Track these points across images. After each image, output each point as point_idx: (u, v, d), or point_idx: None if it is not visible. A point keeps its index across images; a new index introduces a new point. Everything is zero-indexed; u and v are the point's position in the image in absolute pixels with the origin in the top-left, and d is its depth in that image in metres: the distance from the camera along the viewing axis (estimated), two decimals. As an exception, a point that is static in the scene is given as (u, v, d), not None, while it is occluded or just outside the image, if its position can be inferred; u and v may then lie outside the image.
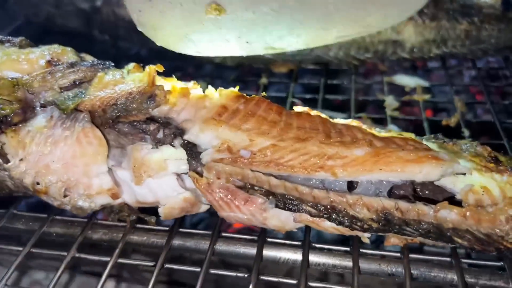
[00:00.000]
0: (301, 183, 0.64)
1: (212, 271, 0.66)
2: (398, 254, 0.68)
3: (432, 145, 0.71)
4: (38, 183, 0.68)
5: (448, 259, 0.68)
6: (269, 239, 0.70)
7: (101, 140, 0.65)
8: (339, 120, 0.73)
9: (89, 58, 0.77)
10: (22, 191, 0.73)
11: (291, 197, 0.63)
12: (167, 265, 0.68)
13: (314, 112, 0.72)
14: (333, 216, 0.62)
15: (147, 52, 1.24)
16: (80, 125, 0.65)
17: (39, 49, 0.74)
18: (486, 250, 0.64)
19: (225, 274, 0.67)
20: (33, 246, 0.71)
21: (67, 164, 0.66)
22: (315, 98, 1.07)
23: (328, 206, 0.63)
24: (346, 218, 0.62)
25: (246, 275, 0.65)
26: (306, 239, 0.70)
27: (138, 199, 0.70)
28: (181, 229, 0.73)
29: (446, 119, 0.99)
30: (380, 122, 1.00)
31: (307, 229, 0.70)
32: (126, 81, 0.68)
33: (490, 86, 1.09)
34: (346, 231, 0.65)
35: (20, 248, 0.70)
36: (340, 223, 0.62)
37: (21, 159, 0.66)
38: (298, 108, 0.74)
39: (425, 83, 1.10)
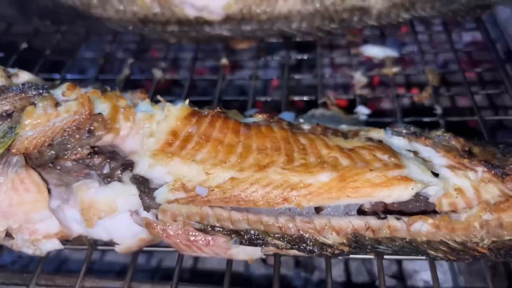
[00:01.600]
0: (265, 212, 0.60)
1: None
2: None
3: (403, 141, 0.68)
4: (-25, 232, 0.62)
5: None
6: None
7: (40, 186, 0.59)
8: (303, 125, 0.68)
9: (23, 76, 0.68)
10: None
11: (255, 232, 0.58)
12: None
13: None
14: (302, 246, 0.59)
15: (97, 36, 1.14)
16: (14, 171, 0.58)
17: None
18: (461, 259, 0.62)
19: None
20: None
21: (5, 213, 0.60)
22: (279, 77, 1.00)
23: (295, 236, 0.59)
24: (316, 246, 0.59)
25: None
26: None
27: (92, 236, 0.65)
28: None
29: (418, 95, 0.94)
30: (349, 104, 0.95)
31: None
32: (60, 112, 0.60)
33: (462, 53, 1.03)
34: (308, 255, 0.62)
35: None
36: (310, 252, 0.59)
37: (-48, 210, 0.60)
38: (254, 118, 0.68)
39: (394, 54, 1.04)
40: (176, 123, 0.62)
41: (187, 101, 0.66)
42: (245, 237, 0.58)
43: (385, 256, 0.65)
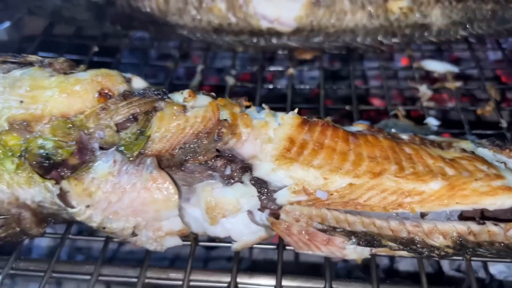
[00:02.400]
0: (376, 216, 0.65)
1: None
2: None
3: (488, 153, 0.73)
4: (104, 228, 0.66)
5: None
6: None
7: (171, 186, 0.63)
8: (402, 135, 0.73)
9: (137, 82, 0.73)
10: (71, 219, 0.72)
11: (371, 234, 0.63)
12: None
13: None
14: (412, 248, 0.64)
15: (166, 43, 1.18)
16: (148, 172, 0.63)
17: (85, 76, 0.69)
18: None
19: None
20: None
21: (136, 211, 0.64)
22: (341, 88, 1.06)
23: (406, 238, 0.64)
24: (425, 248, 0.64)
25: None
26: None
27: (208, 233, 0.69)
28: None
29: (480, 108, 1.00)
30: (418, 116, 1.00)
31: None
32: (189, 118, 0.65)
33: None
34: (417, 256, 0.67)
35: None
36: (419, 253, 0.64)
37: (88, 206, 0.64)
38: (358, 127, 0.73)
39: (454, 69, 1.10)
40: (291, 130, 0.67)
41: (296, 110, 0.71)
42: (363, 238, 0.64)
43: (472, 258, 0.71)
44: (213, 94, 0.73)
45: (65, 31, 1.22)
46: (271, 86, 1.11)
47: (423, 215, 0.66)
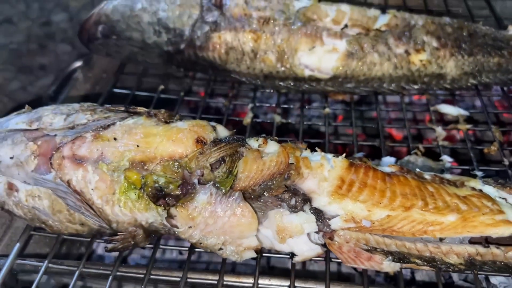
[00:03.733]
0: (406, 239, 0.86)
1: None
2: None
3: (493, 190, 0.93)
4: (201, 243, 0.87)
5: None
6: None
7: (253, 214, 0.84)
8: (425, 175, 0.93)
9: (220, 129, 0.93)
10: (171, 235, 0.92)
11: (402, 253, 0.84)
12: None
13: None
14: (433, 264, 0.85)
15: (220, 83, 1.40)
16: (236, 202, 0.84)
17: (184, 125, 0.89)
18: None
19: None
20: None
21: (226, 231, 0.85)
22: (374, 126, 1.27)
23: (429, 257, 0.85)
24: (443, 265, 0.84)
25: None
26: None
27: (275, 248, 0.90)
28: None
29: (487, 148, 1.20)
30: (434, 153, 1.21)
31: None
32: (266, 162, 0.86)
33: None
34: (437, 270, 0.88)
35: None
36: (438, 268, 0.85)
37: (190, 227, 0.85)
38: (391, 168, 0.94)
39: (465, 112, 1.30)
40: (342, 172, 0.88)
41: (344, 155, 0.92)
42: (396, 256, 0.84)
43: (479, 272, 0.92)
44: (276, 138, 0.94)
45: (133, 69, 1.44)
46: (309, 123, 1.32)
47: (441, 239, 0.87)
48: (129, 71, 1.45)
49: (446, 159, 1.16)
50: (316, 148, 0.95)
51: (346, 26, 1.29)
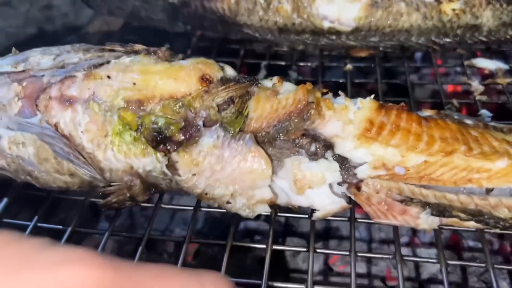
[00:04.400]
0: (447, 190, 0.73)
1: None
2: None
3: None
4: (206, 194, 0.76)
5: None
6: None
7: (267, 159, 0.72)
8: (466, 120, 0.80)
9: (228, 70, 0.82)
10: (172, 190, 0.81)
11: (443, 205, 0.71)
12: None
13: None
14: (480, 219, 0.71)
15: (230, 42, 1.28)
16: (247, 146, 0.72)
17: (187, 63, 0.78)
18: None
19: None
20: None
21: (235, 179, 0.74)
22: (401, 84, 1.14)
23: (474, 210, 0.72)
24: (492, 219, 0.71)
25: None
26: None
27: (292, 203, 0.78)
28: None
29: (532, 103, 1.06)
30: (470, 109, 1.07)
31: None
32: (281, 100, 0.74)
33: None
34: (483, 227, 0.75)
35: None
36: (486, 224, 0.72)
37: (194, 174, 0.74)
38: (427, 112, 0.81)
39: (505, 66, 1.16)
40: (370, 113, 0.75)
41: (372, 96, 0.79)
42: (435, 209, 0.72)
43: None
44: (292, 81, 0.82)
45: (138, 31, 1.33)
46: (329, 80, 1.20)
47: (488, 191, 0.73)
48: (133, 31, 1.34)
49: (485, 113, 1.02)
50: (340, 92, 0.82)
51: (369, -28, 1.17)
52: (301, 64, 1.24)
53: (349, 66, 1.20)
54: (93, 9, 1.31)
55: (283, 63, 1.25)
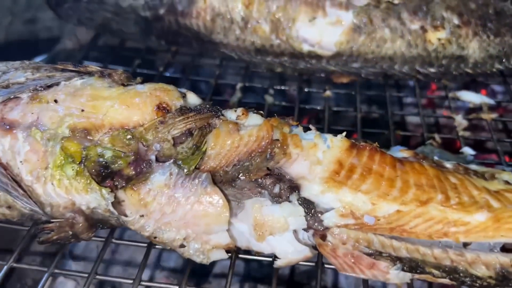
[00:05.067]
0: (420, 243, 0.66)
1: None
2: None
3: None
4: (155, 237, 0.68)
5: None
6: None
7: (224, 202, 0.65)
8: (446, 163, 0.74)
9: (191, 97, 0.75)
10: (124, 226, 0.74)
11: (415, 260, 0.65)
12: None
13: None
14: (455, 276, 0.65)
15: (207, 59, 1.22)
16: (203, 186, 0.65)
17: (144, 89, 0.71)
18: None
19: None
20: None
21: (188, 223, 0.66)
22: (381, 114, 1.08)
23: (449, 266, 0.65)
24: (468, 278, 0.65)
25: None
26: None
27: (252, 248, 0.71)
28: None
29: (515, 141, 1.01)
30: (452, 144, 1.02)
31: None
32: (243, 136, 0.67)
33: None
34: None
35: None
36: (462, 282, 0.65)
37: (142, 216, 0.66)
38: (404, 153, 0.75)
39: (490, 101, 1.11)
40: (340, 153, 0.69)
41: (344, 133, 0.72)
42: (407, 264, 0.65)
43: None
44: (261, 112, 0.75)
45: (110, 42, 1.26)
46: (307, 107, 1.13)
47: (465, 245, 0.67)
48: (104, 43, 1.27)
49: (468, 151, 0.97)
50: (310, 126, 0.76)
51: (353, -4, 1.11)
52: (279, 88, 1.18)
53: (328, 93, 1.14)
54: (62, 19, 1.24)
55: (259, 85, 1.18)
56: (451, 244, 0.67)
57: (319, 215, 0.67)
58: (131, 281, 0.72)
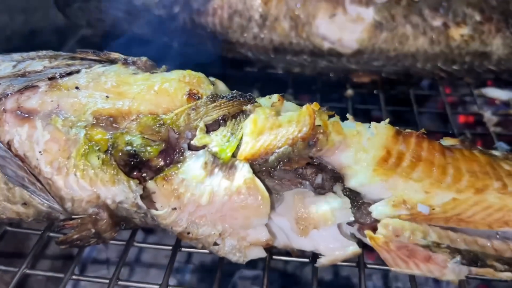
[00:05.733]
0: (478, 234, 0.61)
1: None
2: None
3: None
4: (189, 233, 0.62)
5: None
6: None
7: (264, 192, 0.59)
8: (494, 152, 0.70)
9: (220, 86, 0.70)
10: (148, 226, 0.68)
11: (474, 253, 0.59)
12: None
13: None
14: (518, 270, 0.60)
15: (220, 61, 1.17)
16: (241, 176, 0.59)
17: (172, 75, 0.66)
18: None
19: None
20: None
21: (224, 216, 0.61)
22: (408, 110, 1.04)
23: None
24: (532, 271, 0.60)
25: None
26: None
27: (292, 246, 0.65)
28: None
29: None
30: (486, 139, 0.98)
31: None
32: (282, 122, 0.62)
33: None
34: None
35: None
36: (525, 277, 0.60)
37: (174, 208, 0.60)
38: (448, 141, 0.70)
39: (518, 96, 1.08)
40: (387, 140, 0.64)
41: (387, 120, 0.68)
42: (466, 256, 0.59)
43: None
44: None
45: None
46: (331, 105, 1.09)
47: (527, 236, 0.62)
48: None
49: (502, 146, 0.93)
50: (348, 115, 0.71)
51: (373, -7, 1.08)
52: (298, 88, 1.13)
53: (350, 92, 1.10)
54: (70, 20, 1.19)
55: (277, 86, 1.14)
56: (511, 236, 0.62)
57: (367, 206, 0.62)
58: (157, 286, 0.65)
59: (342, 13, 1.06)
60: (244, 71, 1.18)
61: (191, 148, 0.62)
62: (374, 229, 0.61)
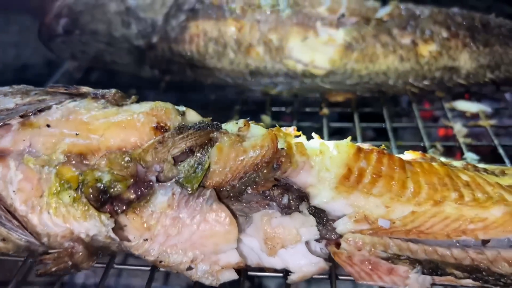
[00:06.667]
0: (438, 244, 0.63)
1: None
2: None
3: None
4: (161, 261, 0.65)
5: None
6: None
7: (231, 219, 0.62)
8: (454, 163, 0.73)
9: (190, 114, 0.73)
10: (125, 252, 0.70)
11: (434, 262, 0.62)
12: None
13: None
14: (478, 276, 0.62)
15: (204, 88, 1.21)
16: (208, 204, 0.62)
17: (140, 108, 0.69)
18: None
19: None
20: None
21: (194, 244, 0.63)
22: (382, 128, 1.07)
23: (470, 266, 0.62)
24: (491, 276, 0.62)
25: None
26: None
27: (264, 265, 0.67)
28: None
29: (518, 146, 1.00)
30: (454, 151, 1.01)
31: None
32: (246, 148, 0.65)
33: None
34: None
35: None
36: (485, 282, 0.62)
37: (146, 239, 0.63)
38: (409, 155, 0.73)
39: (487, 108, 1.11)
40: (348, 158, 0.67)
41: (349, 138, 0.71)
42: (427, 266, 0.62)
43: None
44: (262, 124, 0.73)
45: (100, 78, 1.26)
46: (305, 125, 1.12)
47: (484, 243, 0.65)
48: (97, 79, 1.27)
49: (471, 156, 0.96)
50: (313, 134, 0.74)
51: (343, 15, 1.12)
52: (275, 109, 1.17)
53: (325, 110, 1.13)
54: (54, 54, 1.23)
55: (256, 108, 1.17)
56: (470, 243, 0.64)
57: (331, 223, 0.65)
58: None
59: (313, 36, 1.10)
60: (223, 95, 1.22)
61: (159, 180, 0.65)
62: (339, 245, 0.63)
